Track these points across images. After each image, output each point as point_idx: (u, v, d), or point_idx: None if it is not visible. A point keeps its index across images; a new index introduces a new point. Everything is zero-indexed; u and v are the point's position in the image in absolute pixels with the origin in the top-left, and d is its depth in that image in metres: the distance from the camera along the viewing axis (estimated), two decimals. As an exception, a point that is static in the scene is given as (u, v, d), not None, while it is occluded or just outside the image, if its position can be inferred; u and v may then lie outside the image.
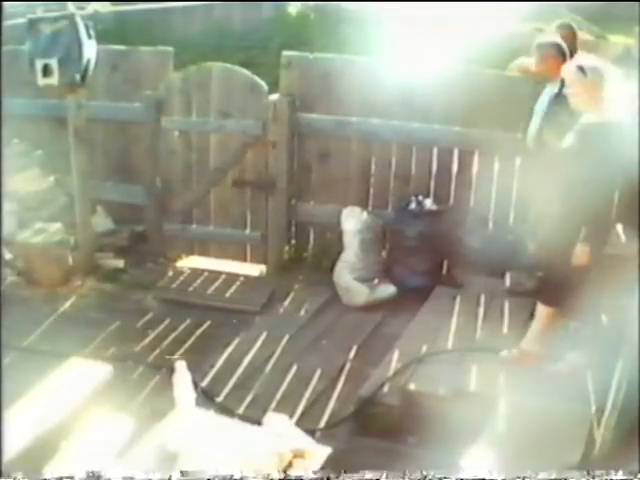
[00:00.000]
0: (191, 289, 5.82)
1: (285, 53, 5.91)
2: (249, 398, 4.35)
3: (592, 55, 4.32)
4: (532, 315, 4.33)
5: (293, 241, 6.14)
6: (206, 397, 4.22)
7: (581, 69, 3.88)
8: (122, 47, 6.40)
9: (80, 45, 5.25)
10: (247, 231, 6.19)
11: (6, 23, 4.86)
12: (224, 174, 6.04)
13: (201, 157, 6.09)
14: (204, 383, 4.44)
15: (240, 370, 4.64)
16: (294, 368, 4.67)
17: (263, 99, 5.83)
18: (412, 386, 4.15)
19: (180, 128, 6.07)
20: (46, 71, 5.27)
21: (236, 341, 5.00)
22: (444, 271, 5.79)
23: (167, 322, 5.28)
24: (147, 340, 5.03)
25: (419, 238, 5.57)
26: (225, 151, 6.02)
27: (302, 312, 5.43)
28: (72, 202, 5.93)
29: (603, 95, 3.86)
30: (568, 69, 3.99)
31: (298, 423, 3.85)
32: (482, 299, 5.13)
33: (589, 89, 3.85)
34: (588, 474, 2.47)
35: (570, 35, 5.22)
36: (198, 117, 6.01)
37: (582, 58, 4.17)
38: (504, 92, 5.29)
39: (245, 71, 5.97)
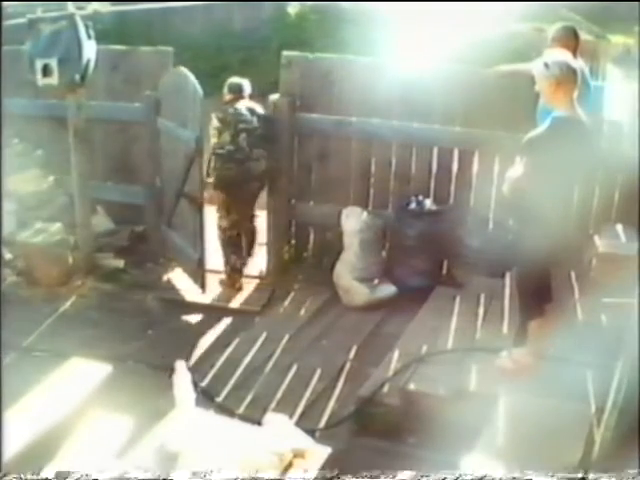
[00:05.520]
0: (191, 289, 5.82)
1: (285, 53, 5.90)
2: (249, 398, 4.36)
3: (564, 51, 4.29)
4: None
5: (293, 241, 6.14)
6: (206, 397, 4.22)
7: (545, 64, 3.87)
8: (122, 47, 6.40)
9: (80, 45, 5.25)
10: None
11: (6, 23, 4.87)
12: (183, 184, 5.72)
13: (174, 163, 5.82)
14: (204, 383, 4.45)
15: (240, 370, 4.64)
16: (294, 368, 4.68)
17: (197, 108, 5.38)
18: (412, 386, 4.15)
19: (164, 131, 5.98)
20: (46, 71, 5.26)
21: (236, 341, 5.00)
22: (444, 271, 5.79)
23: (167, 322, 5.28)
24: (147, 340, 5.04)
25: (419, 238, 5.57)
26: (183, 160, 5.67)
27: (302, 312, 5.43)
28: (72, 202, 5.92)
29: (567, 90, 3.84)
30: (536, 65, 3.98)
31: (298, 423, 3.85)
32: (482, 299, 5.13)
33: (552, 84, 3.83)
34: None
35: (571, 38, 5.16)
36: (172, 122, 5.75)
37: (550, 54, 4.14)
38: (504, 92, 5.29)
39: (192, 77, 5.44)
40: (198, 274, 5.69)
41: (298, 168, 5.94)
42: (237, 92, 5.74)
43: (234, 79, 5.86)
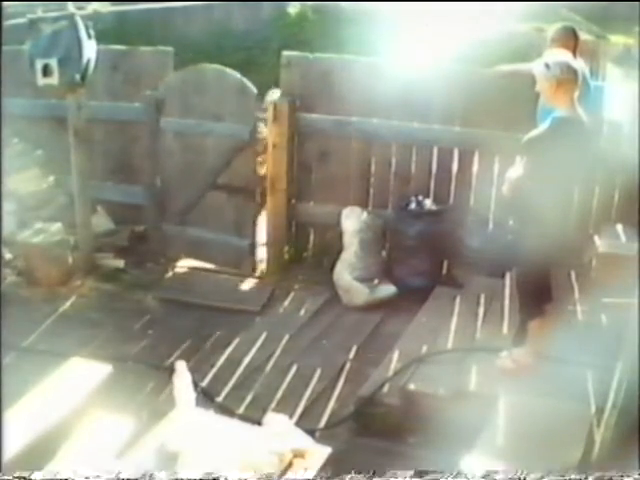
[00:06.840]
0: (191, 289, 5.82)
1: (285, 53, 5.90)
2: (249, 398, 4.36)
3: (565, 52, 4.29)
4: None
5: (293, 241, 6.14)
6: (206, 397, 4.22)
7: (546, 65, 3.88)
8: (122, 47, 6.39)
9: (80, 45, 5.25)
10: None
11: (6, 23, 4.87)
12: (216, 177, 5.96)
13: (196, 159, 5.99)
14: (204, 383, 4.45)
15: (240, 370, 4.64)
16: (294, 368, 4.68)
17: (251, 103, 5.78)
18: (412, 386, 4.15)
19: (175, 129, 6.01)
20: (46, 71, 5.27)
21: (236, 341, 5.00)
22: (444, 271, 5.79)
23: (167, 322, 5.28)
24: (147, 340, 5.04)
25: (419, 238, 5.56)
26: (216, 154, 5.92)
27: (302, 312, 5.43)
28: (72, 202, 5.93)
29: (567, 90, 3.84)
30: (537, 66, 3.99)
31: (298, 423, 3.85)
32: (482, 299, 5.13)
33: (553, 84, 3.84)
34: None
35: (571, 38, 5.16)
36: (193, 119, 5.90)
37: (550, 54, 4.15)
38: (504, 92, 5.29)
39: (235, 74, 5.83)
40: (247, 259, 6.03)
41: (298, 168, 5.94)
42: None
43: None
